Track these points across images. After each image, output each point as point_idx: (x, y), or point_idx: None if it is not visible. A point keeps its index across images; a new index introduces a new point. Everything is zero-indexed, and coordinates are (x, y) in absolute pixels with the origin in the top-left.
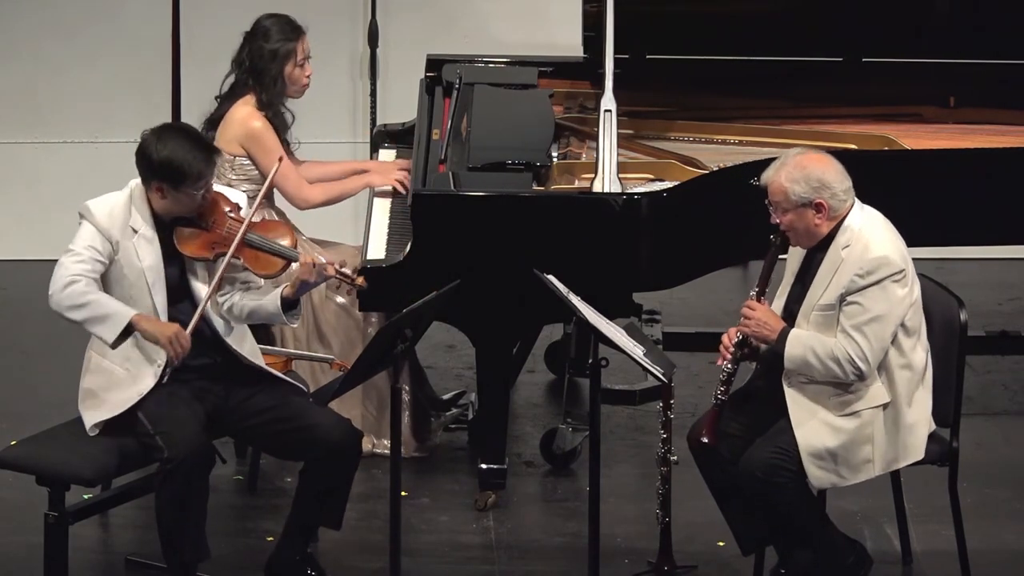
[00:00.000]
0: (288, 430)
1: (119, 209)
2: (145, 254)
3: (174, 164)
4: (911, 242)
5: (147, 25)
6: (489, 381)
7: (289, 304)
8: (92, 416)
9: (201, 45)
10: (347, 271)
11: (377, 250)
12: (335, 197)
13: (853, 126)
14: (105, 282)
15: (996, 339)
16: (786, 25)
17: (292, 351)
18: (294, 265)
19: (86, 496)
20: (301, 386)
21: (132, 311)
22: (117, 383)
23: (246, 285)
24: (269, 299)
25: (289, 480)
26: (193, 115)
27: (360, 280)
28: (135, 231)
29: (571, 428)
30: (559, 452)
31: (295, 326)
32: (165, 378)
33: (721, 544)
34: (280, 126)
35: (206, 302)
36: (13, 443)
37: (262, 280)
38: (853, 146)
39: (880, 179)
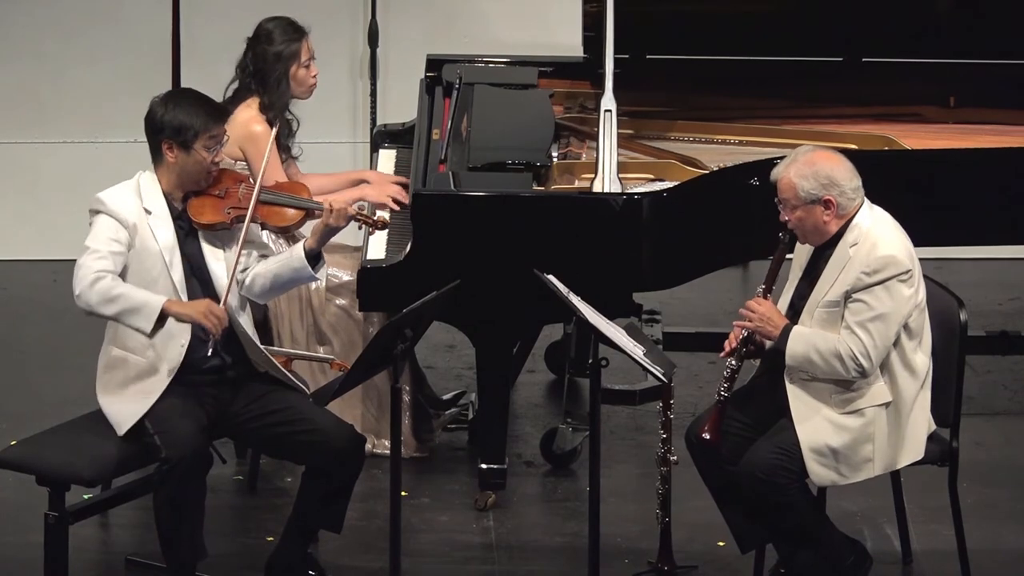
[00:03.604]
0: (292, 434)
1: (131, 194)
2: (161, 234)
3: (187, 120)
4: (911, 242)
5: (147, 25)
6: (489, 381)
7: (313, 257)
8: (123, 415)
9: (201, 45)
10: (366, 213)
11: (377, 250)
12: None
13: (853, 126)
14: (125, 267)
15: (996, 339)
16: (786, 25)
17: (292, 351)
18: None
19: (86, 496)
20: (301, 386)
21: (163, 298)
22: (139, 373)
23: (263, 256)
24: (292, 256)
25: (289, 480)
26: None
27: (380, 219)
28: (149, 212)
29: (571, 428)
30: (559, 452)
31: (320, 278)
32: (211, 350)
33: (721, 544)
34: (282, 131)
35: (235, 270)
36: (13, 443)
37: (275, 250)
38: (853, 146)
39: (880, 179)
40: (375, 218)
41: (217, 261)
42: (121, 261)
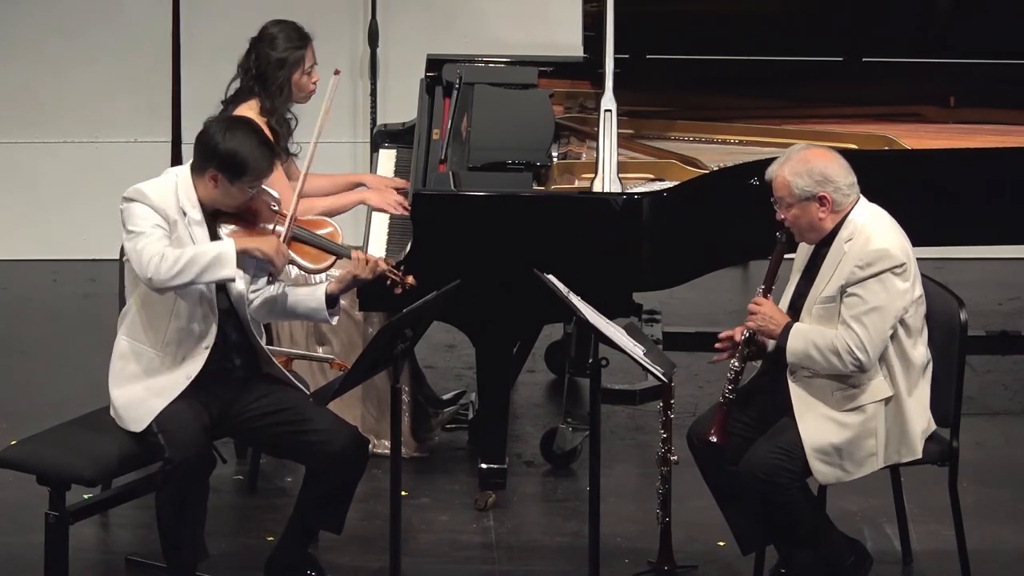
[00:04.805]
0: (295, 434)
1: (169, 191)
2: (199, 238)
3: (239, 158)
4: (912, 242)
5: (147, 25)
6: (489, 381)
7: (332, 300)
8: (139, 411)
9: (201, 45)
10: (396, 270)
11: (377, 250)
12: (328, 212)
13: (853, 126)
14: None
15: (996, 339)
16: (786, 25)
17: (292, 351)
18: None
19: (86, 496)
20: (301, 387)
21: (230, 240)
22: (159, 367)
23: (272, 281)
24: (311, 295)
25: (289, 480)
26: (193, 115)
27: (410, 279)
28: (185, 213)
29: (571, 428)
30: (559, 452)
31: (334, 323)
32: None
33: (721, 544)
34: (283, 133)
35: (292, 216)
36: (13, 443)
37: (293, 273)
38: (853, 146)
39: (880, 179)
40: (405, 279)
41: (241, 280)
42: (168, 243)
